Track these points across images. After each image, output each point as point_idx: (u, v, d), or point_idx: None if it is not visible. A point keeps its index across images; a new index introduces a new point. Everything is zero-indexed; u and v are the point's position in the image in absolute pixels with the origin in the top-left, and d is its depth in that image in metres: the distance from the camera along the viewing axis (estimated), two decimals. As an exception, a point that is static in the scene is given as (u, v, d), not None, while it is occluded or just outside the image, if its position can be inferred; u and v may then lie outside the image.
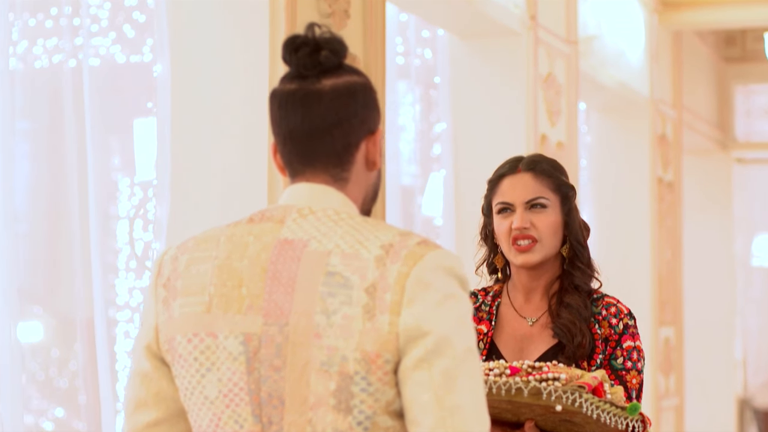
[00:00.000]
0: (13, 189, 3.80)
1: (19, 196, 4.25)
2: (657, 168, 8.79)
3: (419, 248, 2.02)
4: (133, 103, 5.02)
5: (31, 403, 4.41)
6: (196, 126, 4.19)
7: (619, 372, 2.80)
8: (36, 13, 4.85)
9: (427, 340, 1.98)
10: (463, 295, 2.03)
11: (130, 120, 5.00)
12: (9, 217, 3.69)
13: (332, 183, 2.13)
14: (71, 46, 4.49)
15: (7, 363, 3.55)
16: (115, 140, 5.03)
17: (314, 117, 2.11)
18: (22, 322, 3.85)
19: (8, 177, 3.75)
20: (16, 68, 4.52)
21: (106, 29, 5.01)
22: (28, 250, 4.36)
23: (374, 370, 1.98)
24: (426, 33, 6.37)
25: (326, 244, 2.04)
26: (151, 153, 4.33)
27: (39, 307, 4.45)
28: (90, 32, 4.60)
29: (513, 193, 2.85)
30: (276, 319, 2.03)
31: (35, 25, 4.85)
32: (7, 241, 3.63)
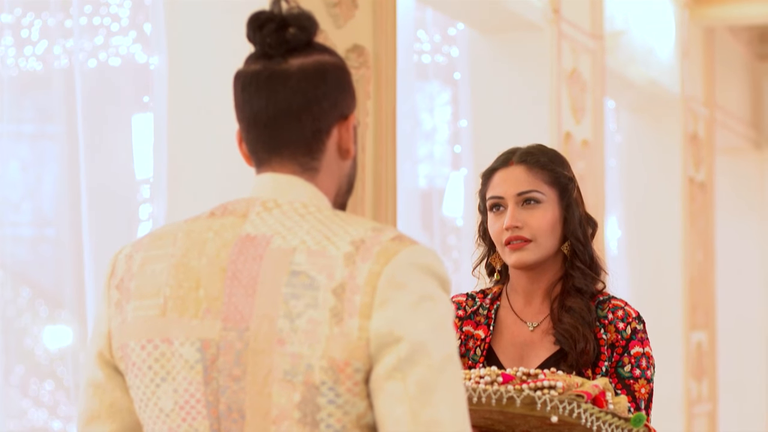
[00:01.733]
0: (40, 193, 3.70)
1: (46, 200, 4.17)
2: (688, 168, 8.57)
3: (393, 244, 1.83)
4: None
5: (59, 409, 4.31)
6: (194, 122, 4.01)
7: (626, 380, 2.59)
8: (56, 12, 4.76)
9: (401, 346, 1.78)
10: (443, 296, 1.84)
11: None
12: (36, 221, 3.58)
13: (301, 173, 1.94)
14: (91, 46, 4.40)
15: (34, 368, 3.43)
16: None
17: (280, 100, 1.92)
18: (49, 326, 3.76)
19: (34, 181, 3.65)
20: (35, 69, 4.46)
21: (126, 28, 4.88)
22: (54, 254, 4.27)
23: (343, 380, 1.79)
24: (452, 31, 6.16)
25: (291, 240, 1.85)
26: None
27: (67, 312, 4.32)
28: (110, 31, 4.51)
29: (504, 187, 2.65)
30: (236, 323, 1.84)
31: (55, 24, 4.76)
32: (34, 245, 3.52)
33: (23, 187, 4.29)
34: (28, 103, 4.53)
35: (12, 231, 4.38)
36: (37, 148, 4.19)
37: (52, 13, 4.72)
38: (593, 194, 6.70)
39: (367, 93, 4.35)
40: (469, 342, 2.67)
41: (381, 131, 4.43)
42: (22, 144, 4.36)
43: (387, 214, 4.45)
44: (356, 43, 4.29)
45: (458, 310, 2.71)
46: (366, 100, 4.34)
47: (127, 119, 4.56)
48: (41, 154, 4.21)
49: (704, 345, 8.82)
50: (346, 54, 4.25)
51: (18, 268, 4.36)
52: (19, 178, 4.28)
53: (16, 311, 4.27)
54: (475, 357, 2.64)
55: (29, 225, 4.31)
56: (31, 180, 4.31)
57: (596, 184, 6.75)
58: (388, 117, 4.46)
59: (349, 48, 4.27)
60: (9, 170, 4.17)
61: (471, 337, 2.67)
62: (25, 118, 4.45)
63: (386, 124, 4.45)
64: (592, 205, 6.52)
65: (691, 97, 8.62)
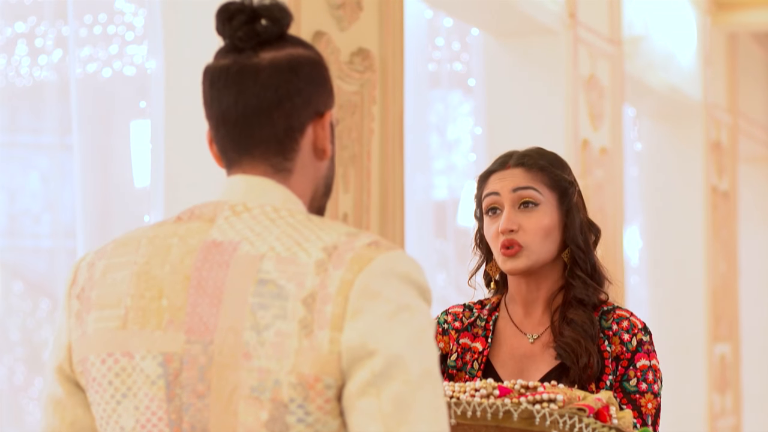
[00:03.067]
0: (59, 205, 3.66)
1: (65, 212, 4.14)
2: (711, 176, 8.41)
3: (368, 250, 1.70)
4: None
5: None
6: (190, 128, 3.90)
7: (632, 395, 2.44)
8: (69, 21, 4.70)
9: (375, 360, 1.65)
10: (422, 306, 1.70)
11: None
12: (56, 232, 3.54)
13: (273, 175, 1.81)
14: (106, 55, 4.30)
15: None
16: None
17: (249, 96, 1.79)
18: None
19: (58, 192, 3.61)
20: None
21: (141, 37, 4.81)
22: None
23: (313, 397, 1.66)
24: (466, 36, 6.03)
25: (259, 246, 1.72)
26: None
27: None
28: (125, 41, 4.45)
29: (500, 185, 2.51)
30: (200, 336, 1.71)
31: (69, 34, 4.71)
32: (53, 257, 3.46)
33: (43, 199, 4.22)
34: (46, 114, 4.47)
35: (32, 243, 4.30)
36: (56, 159, 4.14)
37: (67, 21, 4.66)
38: (612, 203, 6.55)
39: (372, 98, 4.22)
40: (466, 355, 2.53)
41: (387, 137, 4.30)
42: (41, 155, 4.31)
43: (394, 223, 4.32)
44: (361, 47, 4.17)
45: (455, 322, 2.58)
46: (371, 105, 4.21)
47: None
48: (60, 165, 4.17)
49: (728, 357, 8.65)
50: (350, 57, 4.13)
51: (37, 280, 4.29)
52: (39, 189, 4.22)
53: (36, 323, 4.20)
54: (472, 371, 2.50)
55: (48, 237, 4.24)
56: (51, 191, 4.26)
57: (615, 192, 6.60)
58: (395, 123, 4.33)
59: (354, 51, 4.15)
60: (29, 182, 4.12)
61: (468, 350, 2.53)
62: (45, 128, 4.39)
63: (393, 130, 4.32)
64: (610, 214, 6.37)
65: (713, 104, 8.46)
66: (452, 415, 2.07)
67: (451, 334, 2.56)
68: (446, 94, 6.03)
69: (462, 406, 2.03)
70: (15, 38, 4.39)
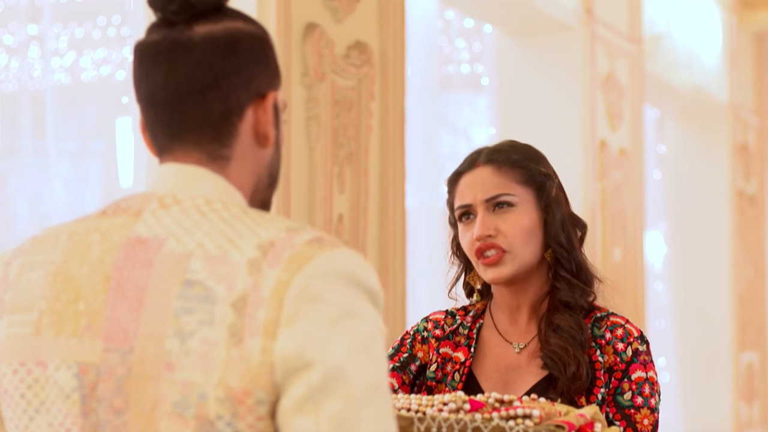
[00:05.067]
0: (79, 207, 3.54)
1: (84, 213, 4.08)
2: (738, 180, 8.18)
3: (308, 248, 1.49)
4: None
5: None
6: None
7: (626, 410, 2.20)
8: (83, 22, 4.61)
9: (313, 373, 1.44)
10: (370, 311, 1.50)
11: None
12: None
13: (208, 163, 1.61)
14: (120, 57, 4.30)
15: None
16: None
17: (181, 75, 1.60)
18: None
19: (76, 195, 3.49)
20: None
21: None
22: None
23: (243, 414, 1.46)
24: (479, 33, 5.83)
25: (187, 243, 1.52)
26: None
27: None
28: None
29: (471, 193, 2.29)
30: (118, 344, 1.52)
31: (83, 36, 4.62)
32: None
33: (66, 205, 4.09)
34: (71, 117, 4.36)
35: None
36: (79, 164, 4.04)
37: (80, 23, 4.56)
38: (632, 206, 6.33)
39: (371, 93, 4.02)
40: (446, 366, 2.31)
41: (387, 135, 4.10)
42: (64, 160, 4.20)
43: (395, 227, 4.11)
44: (358, 40, 3.97)
45: (435, 329, 2.36)
46: (370, 102, 4.01)
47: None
48: (83, 170, 4.06)
49: (755, 366, 8.41)
50: (347, 51, 3.92)
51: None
52: (62, 195, 4.09)
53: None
54: (453, 383, 2.28)
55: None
56: (73, 197, 4.15)
57: (635, 196, 6.38)
58: (396, 120, 4.13)
59: (350, 45, 3.95)
60: (53, 188, 4.00)
61: (449, 360, 2.31)
62: (69, 134, 4.28)
63: (394, 128, 4.12)
64: (630, 218, 6.15)
65: (740, 105, 8.22)
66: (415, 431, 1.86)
67: (431, 342, 2.34)
68: (458, 94, 5.82)
69: (426, 422, 1.81)
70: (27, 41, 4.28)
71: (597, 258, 5.78)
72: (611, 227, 6.07)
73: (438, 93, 5.44)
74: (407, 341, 2.35)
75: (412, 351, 2.33)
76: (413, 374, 2.31)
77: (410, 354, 2.33)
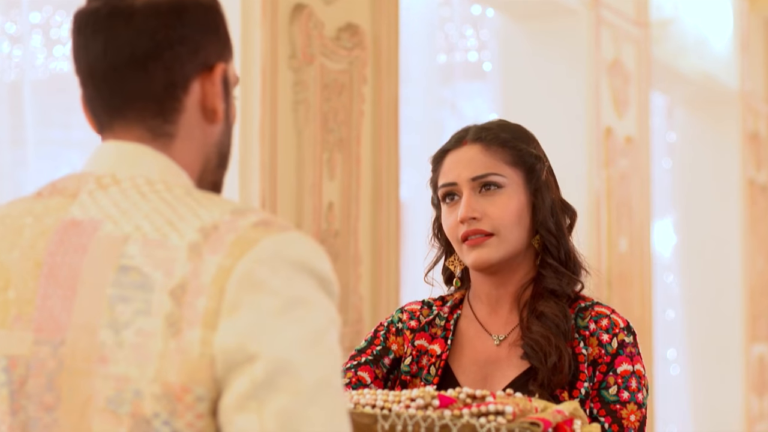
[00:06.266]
0: None
1: None
2: (748, 169, 8.03)
3: (254, 231, 1.37)
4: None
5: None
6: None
7: (611, 405, 2.07)
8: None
9: (256, 366, 1.33)
10: (321, 300, 1.38)
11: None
12: None
13: (150, 140, 1.50)
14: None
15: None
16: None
17: (121, 45, 1.48)
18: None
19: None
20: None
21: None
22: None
23: (181, 412, 1.34)
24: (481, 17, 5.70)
25: (124, 226, 1.41)
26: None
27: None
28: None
29: (456, 171, 2.16)
30: (50, 335, 1.40)
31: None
32: None
33: None
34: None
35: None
36: (86, 154, 3.97)
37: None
38: (639, 195, 6.19)
39: (363, 77, 3.89)
40: (422, 359, 2.18)
41: (381, 121, 3.97)
42: (72, 151, 4.09)
43: (389, 215, 3.99)
44: (350, 22, 3.84)
45: (411, 321, 2.22)
46: (362, 86, 3.89)
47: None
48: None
49: (766, 358, 8.26)
50: (337, 33, 3.80)
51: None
52: None
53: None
54: (428, 377, 2.15)
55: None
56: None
57: (642, 184, 6.24)
58: (389, 105, 4.00)
59: (341, 27, 3.82)
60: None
61: (425, 353, 2.18)
62: (73, 123, 4.17)
63: (387, 113, 4.00)
64: (636, 207, 6.02)
65: (750, 92, 8.07)
66: (379, 430, 1.73)
67: (406, 334, 2.21)
68: (460, 80, 5.68)
69: (390, 419, 1.69)
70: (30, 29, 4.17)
71: (602, 248, 5.65)
72: (617, 216, 5.94)
73: (440, 80, 5.31)
74: (381, 333, 2.22)
75: (386, 343, 2.21)
76: (387, 368, 2.19)
77: (384, 347, 2.21)
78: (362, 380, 2.14)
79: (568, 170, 5.54)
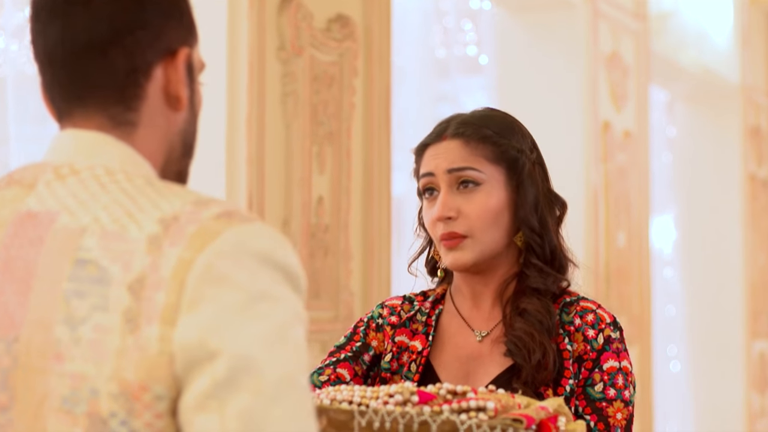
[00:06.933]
0: None
1: None
2: (750, 164, 7.97)
3: (216, 223, 1.31)
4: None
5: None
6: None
7: (597, 403, 2.00)
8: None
9: (217, 364, 1.27)
10: (287, 295, 1.32)
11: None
12: None
13: (111, 129, 1.44)
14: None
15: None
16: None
17: (79, 30, 1.42)
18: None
19: None
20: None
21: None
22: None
23: (139, 411, 1.29)
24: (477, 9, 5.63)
25: (82, 217, 1.35)
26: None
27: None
28: None
29: (434, 162, 2.09)
30: (4, 331, 1.35)
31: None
32: None
33: None
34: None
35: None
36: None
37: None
38: (637, 190, 6.13)
39: (353, 69, 3.83)
40: (403, 356, 2.11)
41: (372, 113, 3.91)
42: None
43: (380, 209, 3.93)
44: (340, 13, 3.78)
45: (391, 316, 2.16)
46: (353, 78, 3.83)
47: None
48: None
49: (767, 355, 8.19)
50: (327, 24, 3.74)
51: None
52: None
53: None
54: (409, 374, 2.08)
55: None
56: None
57: (640, 179, 6.18)
58: (381, 97, 3.95)
59: (331, 18, 3.76)
60: None
61: (405, 350, 2.12)
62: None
63: (379, 106, 3.94)
64: (635, 202, 5.96)
65: (751, 86, 8.00)
66: (356, 427, 1.67)
67: (386, 330, 2.14)
68: (456, 74, 5.62)
69: (368, 416, 1.62)
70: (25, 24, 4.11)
71: (600, 243, 5.59)
72: (615, 211, 5.87)
73: (436, 73, 5.26)
74: (360, 329, 2.16)
75: (366, 340, 2.14)
76: (367, 365, 2.12)
77: (364, 343, 2.14)
78: (341, 377, 2.08)
79: (565, 165, 5.49)
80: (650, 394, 6.40)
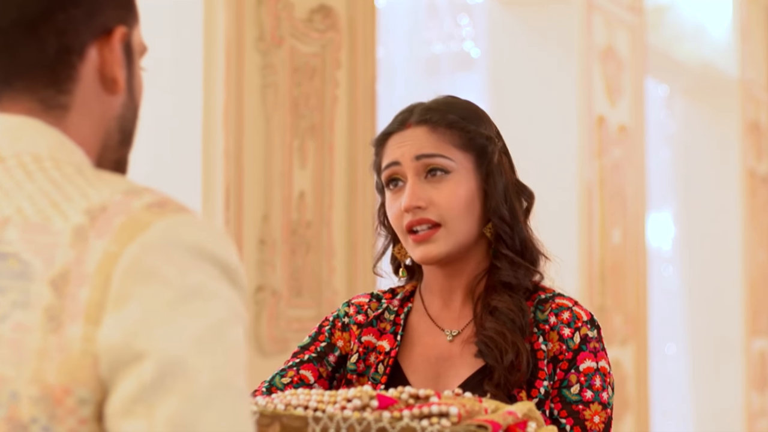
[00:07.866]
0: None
1: None
2: (749, 159, 7.88)
3: (146, 213, 1.22)
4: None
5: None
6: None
7: (573, 406, 1.90)
8: None
9: (145, 366, 1.18)
10: (225, 292, 1.22)
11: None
12: None
13: (41, 113, 1.34)
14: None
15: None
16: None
17: (7, 6, 1.34)
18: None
19: None
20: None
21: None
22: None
23: (62, 417, 1.19)
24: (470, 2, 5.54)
25: (4, 208, 1.26)
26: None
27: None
28: None
29: (399, 150, 1.99)
30: None
31: None
32: None
33: None
34: None
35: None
36: None
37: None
38: (633, 186, 6.04)
39: (336, 61, 3.74)
40: (369, 356, 2.01)
41: (356, 107, 3.82)
42: None
43: (365, 205, 3.83)
44: (322, 3, 3.68)
45: (358, 315, 2.06)
46: (335, 70, 3.73)
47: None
48: None
49: (767, 353, 8.10)
50: (309, 15, 3.65)
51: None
52: None
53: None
54: (376, 375, 1.98)
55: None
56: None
57: (636, 174, 6.08)
58: (366, 90, 3.85)
59: (313, 8, 3.67)
60: None
61: (372, 350, 2.02)
62: None
63: (364, 99, 3.84)
64: (631, 197, 5.87)
65: (750, 81, 7.91)
66: (309, 434, 1.57)
67: (353, 329, 2.04)
68: (448, 68, 5.53)
69: (323, 422, 1.53)
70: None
71: (594, 240, 5.49)
72: (610, 207, 5.78)
73: (426, 68, 5.17)
74: (325, 329, 2.06)
75: (331, 340, 2.04)
76: (332, 366, 2.02)
77: (329, 343, 2.04)
78: (305, 379, 1.99)
79: (559, 160, 5.40)
80: (647, 392, 6.31)
